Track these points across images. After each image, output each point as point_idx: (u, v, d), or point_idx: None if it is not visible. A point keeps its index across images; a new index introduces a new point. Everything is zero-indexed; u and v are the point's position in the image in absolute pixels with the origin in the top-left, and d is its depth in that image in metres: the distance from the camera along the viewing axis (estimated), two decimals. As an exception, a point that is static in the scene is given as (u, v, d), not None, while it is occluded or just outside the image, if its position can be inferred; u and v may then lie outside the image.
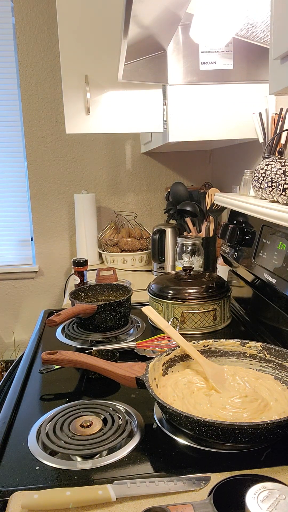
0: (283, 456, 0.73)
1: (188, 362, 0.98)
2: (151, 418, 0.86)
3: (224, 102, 1.48)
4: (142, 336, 1.27)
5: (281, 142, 1.25)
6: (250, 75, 1.29)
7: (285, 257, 1.05)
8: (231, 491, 0.63)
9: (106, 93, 1.59)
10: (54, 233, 2.47)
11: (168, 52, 1.26)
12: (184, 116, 1.49)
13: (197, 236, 1.77)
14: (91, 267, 2.16)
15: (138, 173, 2.44)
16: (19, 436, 0.82)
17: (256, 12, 1.02)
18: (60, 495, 0.63)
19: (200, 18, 1.11)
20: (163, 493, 0.65)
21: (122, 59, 1.15)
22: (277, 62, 0.66)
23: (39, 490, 0.64)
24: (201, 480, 0.67)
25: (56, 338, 1.29)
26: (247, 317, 1.38)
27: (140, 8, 0.94)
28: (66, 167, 2.40)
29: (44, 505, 0.62)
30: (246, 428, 0.68)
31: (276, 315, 1.15)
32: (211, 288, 1.29)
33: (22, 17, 2.22)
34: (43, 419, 0.86)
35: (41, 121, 2.33)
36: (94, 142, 2.38)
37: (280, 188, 1.04)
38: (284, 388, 0.89)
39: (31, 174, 2.39)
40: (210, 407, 0.82)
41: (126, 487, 0.66)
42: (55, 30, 2.24)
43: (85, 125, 1.61)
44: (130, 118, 1.62)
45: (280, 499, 0.53)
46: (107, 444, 0.76)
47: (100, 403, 0.90)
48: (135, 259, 2.20)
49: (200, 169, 2.45)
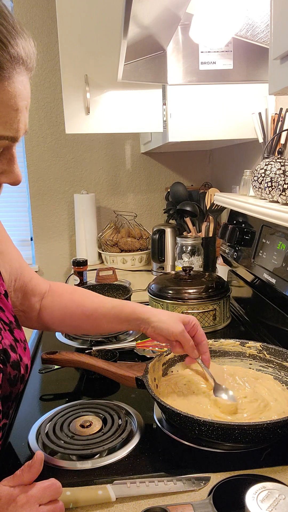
0: (283, 456, 0.73)
1: None
2: (151, 418, 0.86)
3: (224, 102, 1.48)
4: (142, 336, 1.27)
5: (281, 142, 1.26)
6: (250, 75, 1.29)
7: (284, 257, 1.05)
8: (231, 491, 0.63)
9: (106, 93, 1.59)
10: (54, 233, 2.47)
11: (167, 52, 1.26)
12: (184, 116, 1.49)
13: (197, 236, 1.77)
14: (91, 267, 2.16)
15: (138, 173, 2.44)
16: (19, 436, 0.82)
17: (256, 12, 1.02)
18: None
19: (199, 18, 1.11)
20: (163, 493, 0.65)
21: (122, 59, 1.15)
22: (276, 62, 0.67)
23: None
24: (201, 480, 0.67)
25: (56, 338, 1.29)
26: (246, 317, 1.38)
27: (139, 8, 0.94)
28: (66, 167, 2.40)
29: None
30: (246, 428, 0.68)
31: (276, 315, 1.15)
32: (211, 288, 1.29)
33: (22, 17, 2.22)
34: (43, 419, 0.86)
35: (41, 121, 2.33)
36: (94, 142, 2.38)
37: (280, 188, 1.04)
38: (284, 388, 0.89)
39: (30, 174, 2.39)
40: (210, 407, 0.82)
41: (126, 487, 0.66)
42: (55, 30, 2.24)
43: (85, 125, 1.61)
44: (130, 118, 1.62)
45: (280, 499, 0.53)
46: (107, 444, 0.76)
47: (100, 403, 0.90)
48: (135, 259, 2.20)
49: (200, 169, 2.45)
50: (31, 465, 0.59)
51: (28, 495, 0.57)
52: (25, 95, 0.59)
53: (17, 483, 0.58)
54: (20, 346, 0.76)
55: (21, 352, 0.75)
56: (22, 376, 0.74)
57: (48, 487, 0.58)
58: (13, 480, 0.59)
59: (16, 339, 0.76)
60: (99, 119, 1.61)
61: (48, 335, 1.32)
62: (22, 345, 0.77)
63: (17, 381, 0.73)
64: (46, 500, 0.58)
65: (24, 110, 0.59)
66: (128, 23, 0.92)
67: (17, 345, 0.75)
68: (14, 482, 0.58)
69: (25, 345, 0.78)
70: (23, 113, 0.59)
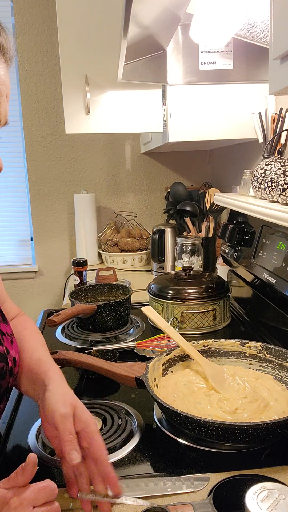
0: (283, 456, 0.73)
1: (188, 362, 0.99)
2: (150, 418, 0.86)
3: (224, 102, 1.48)
4: (141, 336, 1.27)
5: (281, 142, 1.26)
6: (250, 75, 1.29)
7: (284, 257, 1.05)
8: (230, 491, 0.63)
9: (106, 93, 1.59)
10: (54, 233, 2.47)
11: (167, 52, 1.26)
12: (183, 116, 1.49)
13: (197, 236, 1.77)
14: (90, 267, 2.16)
15: (137, 173, 2.44)
16: (19, 436, 0.82)
17: (256, 12, 1.02)
18: (58, 496, 0.63)
19: (199, 18, 1.11)
20: (162, 493, 0.65)
21: (122, 59, 1.15)
22: (276, 62, 0.66)
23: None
24: (200, 481, 0.67)
25: (56, 338, 1.29)
26: (246, 317, 1.38)
27: (139, 8, 0.94)
28: (66, 167, 2.40)
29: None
30: (246, 428, 0.68)
31: (276, 315, 1.15)
32: (211, 288, 1.29)
33: (22, 17, 2.22)
34: (43, 419, 0.86)
35: (41, 121, 2.33)
36: (93, 142, 2.38)
37: (280, 188, 1.04)
38: (284, 388, 0.89)
39: (30, 174, 2.39)
40: (210, 407, 0.82)
41: (125, 488, 0.66)
42: (54, 30, 2.23)
43: (85, 125, 1.61)
44: (130, 118, 1.62)
45: (280, 499, 0.53)
46: (107, 444, 0.76)
47: (100, 403, 0.90)
48: (135, 259, 2.20)
49: (200, 169, 2.45)
50: (24, 467, 0.58)
51: (21, 498, 0.56)
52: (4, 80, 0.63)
53: (11, 485, 0.58)
54: (6, 339, 0.76)
55: (8, 345, 0.75)
56: (11, 369, 0.73)
57: (43, 489, 0.57)
58: (8, 482, 0.58)
59: (3, 332, 0.76)
60: (99, 119, 1.61)
61: (48, 335, 1.32)
62: (8, 338, 0.76)
63: (5, 374, 0.72)
64: (40, 502, 0.57)
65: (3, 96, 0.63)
66: (128, 23, 0.92)
67: (3, 338, 0.75)
68: (9, 485, 0.58)
69: (12, 338, 0.77)
70: (2, 98, 0.62)
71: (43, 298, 2.58)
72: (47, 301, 2.58)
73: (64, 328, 1.35)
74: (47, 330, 1.35)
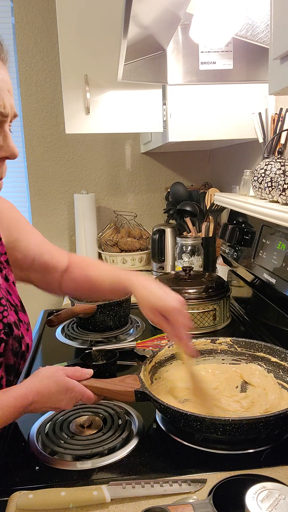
0: (283, 456, 0.73)
1: (166, 367, 0.98)
2: (151, 418, 0.86)
3: (224, 102, 1.48)
4: (141, 336, 1.27)
5: (281, 142, 1.26)
6: (250, 75, 1.29)
7: (284, 257, 1.05)
8: (230, 491, 0.63)
9: (106, 93, 1.59)
10: (54, 233, 2.47)
11: (167, 52, 1.26)
12: (183, 116, 1.49)
13: (197, 236, 1.77)
14: (91, 267, 2.16)
15: (137, 173, 2.44)
16: (19, 436, 0.82)
17: (256, 12, 1.02)
18: (55, 495, 0.63)
19: (199, 18, 1.11)
20: (161, 494, 0.65)
21: (122, 59, 1.15)
22: (276, 62, 0.67)
23: (34, 490, 0.64)
24: (197, 482, 0.67)
25: (56, 338, 1.29)
26: (246, 317, 1.38)
27: (139, 8, 0.94)
28: (66, 167, 2.40)
29: (38, 505, 0.62)
30: (237, 422, 0.69)
31: (276, 315, 1.15)
32: (211, 288, 1.29)
33: (21, 17, 2.22)
34: (43, 419, 0.86)
35: (41, 121, 2.33)
36: (93, 142, 2.38)
37: (280, 188, 1.04)
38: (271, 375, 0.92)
39: (30, 174, 2.38)
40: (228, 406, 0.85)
41: (121, 488, 0.65)
42: (54, 30, 2.23)
43: (85, 125, 1.61)
44: (130, 118, 1.62)
45: (280, 499, 0.53)
46: (107, 444, 0.76)
47: (100, 403, 0.90)
48: (135, 259, 2.20)
49: (200, 169, 2.44)
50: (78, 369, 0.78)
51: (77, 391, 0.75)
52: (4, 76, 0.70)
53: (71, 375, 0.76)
54: (23, 326, 0.83)
55: (24, 331, 0.82)
56: (23, 353, 0.81)
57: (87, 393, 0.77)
58: (70, 371, 0.76)
59: (20, 320, 0.83)
60: (99, 119, 1.60)
61: (48, 335, 1.32)
62: (25, 326, 0.84)
63: (19, 354, 0.79)
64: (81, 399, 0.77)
65: (5, 90, 0.70)
66: (128, 23, 0.92)
67: (20, 324, 0.82)
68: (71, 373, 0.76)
69: (28, 327, 0.85)
70: (4, 92, 0.70)
71: (43, 298, 2.58)
72: (47, 301, 2.58)
73: (64, 328, 1.35)
74: (47, 330, 1.35)
